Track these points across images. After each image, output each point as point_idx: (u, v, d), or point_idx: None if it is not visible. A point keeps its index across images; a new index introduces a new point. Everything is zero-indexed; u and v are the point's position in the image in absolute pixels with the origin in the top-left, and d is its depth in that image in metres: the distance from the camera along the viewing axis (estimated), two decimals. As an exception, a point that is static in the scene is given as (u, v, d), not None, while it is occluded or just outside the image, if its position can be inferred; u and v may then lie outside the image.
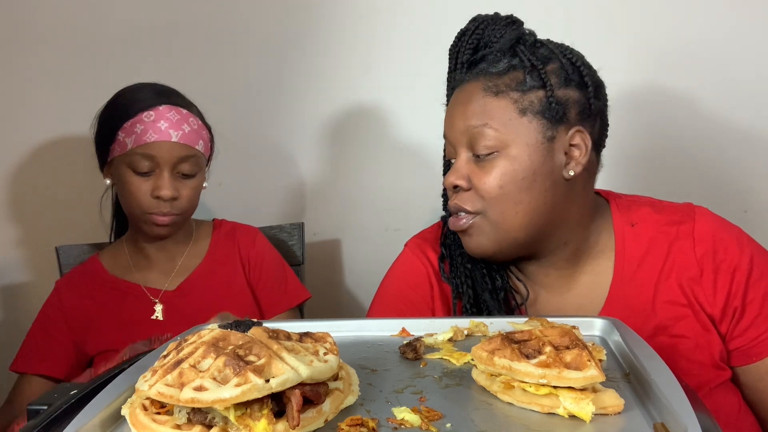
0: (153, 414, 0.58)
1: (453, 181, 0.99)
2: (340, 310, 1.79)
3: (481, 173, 0.97)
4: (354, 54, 1.70)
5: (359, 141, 1.74)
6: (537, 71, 0.98)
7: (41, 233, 1.74)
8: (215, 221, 1.52)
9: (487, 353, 0.65)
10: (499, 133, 0.96)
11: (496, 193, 0.97)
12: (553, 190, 0.98)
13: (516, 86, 0.98)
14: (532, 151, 0.97)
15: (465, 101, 1.00)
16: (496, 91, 0.98)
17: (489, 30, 1.03)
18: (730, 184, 1.60)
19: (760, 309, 0.99)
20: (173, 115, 1.31)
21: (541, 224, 0.99)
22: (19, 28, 1.71)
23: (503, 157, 0.97)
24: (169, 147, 1.29)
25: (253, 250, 1.47)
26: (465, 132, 0.99)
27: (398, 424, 0.58)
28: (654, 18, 1.58)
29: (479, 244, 1.00)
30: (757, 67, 1.55)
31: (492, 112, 0.97)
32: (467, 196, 0.99)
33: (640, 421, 0.58)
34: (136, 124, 1.29)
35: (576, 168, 0.99)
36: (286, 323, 0.82)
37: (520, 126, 0.97)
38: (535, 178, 0.97)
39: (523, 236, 0.99)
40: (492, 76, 0.99)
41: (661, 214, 1.06)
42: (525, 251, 1.03)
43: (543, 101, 0.97)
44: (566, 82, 0.98)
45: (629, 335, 0.75)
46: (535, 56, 0.99)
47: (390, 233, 1.73)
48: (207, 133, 1.38)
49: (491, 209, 0.98)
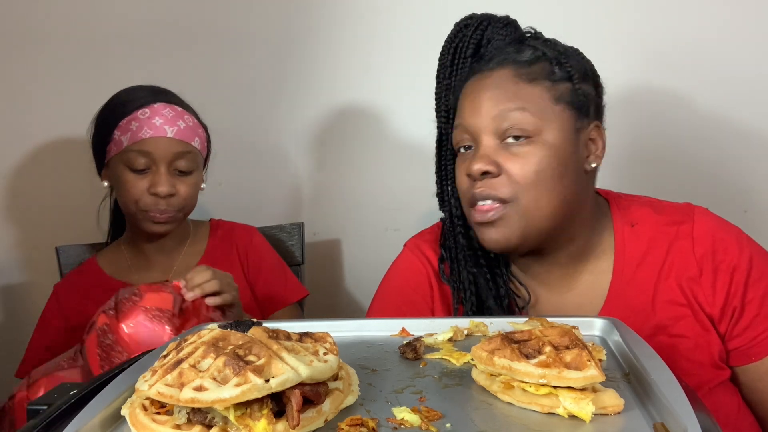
0: (153, 414, 0.58)
1: (483, 167, 0.96)
2: (340, 310, 1.79)
3: (514, 158, 0.95)
4: (354, 54, 1.70)
5: (359, 141, 1.74)
6: (562, 64, 0.99)
7: (41, 233, 1.74)
8: (212, 221, 1.52)
9: (487, 353, 0.65)
10: (536, 119, 0.95)
11: (533, 179, 0.95)
12: (576, 182, 0.99)
13: (546, 76, 0.98)
14: (564, 140, 0.97)
15: (495, 86, 0.98)
16: (529, 79, 0.97)
17: (491, 27, 1.03)
18: (730, 184, 1.60)
19: (759, 309, 0.99)
20: (168, 112, 1.31)
21: (564, 216, 0.99)
22: (20, 29, 1.71)
23: (537, 143, 0.95)
24: (164, 143, 1.29)
25: (251, 248, 1.47)
26: (496, 117, 0.96)
27: (398, 424, 0.58)
28: (653, 17, 1.58)
29: (505, 235, 0.97)
30: (757, 67, 1.55)
31: (527, 97, 0.96)
32: (498, 183, 0.96)
33: (640, 421, 0.58)
34: (131, 121, 1.30)
35: (596, 161, 1.01)
36: (286, 323, 0.82)
37: (554, 114, 0.97)
38: (566, 167, 0.97)
39: (549, 226, 0.98)
40: (522, 64, 0.99)
41: (661, 214, 1.06)
42: (541, 244, 1.01)
43: (571, 93, 0.98)
44: (584, 79, 1.00)
45: (629, 335, 0.75)
46: (556, 50, 1.00)
47: (390, 233, 1.73)
48: (203, 132, 1.38)
49: (525, 196, 0.95)
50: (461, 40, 1.04)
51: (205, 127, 1.40)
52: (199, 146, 1.36)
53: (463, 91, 1.03)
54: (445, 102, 1.07)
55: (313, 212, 1.77)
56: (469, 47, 1.03)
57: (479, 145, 0.98)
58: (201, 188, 1.40)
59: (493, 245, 1.00)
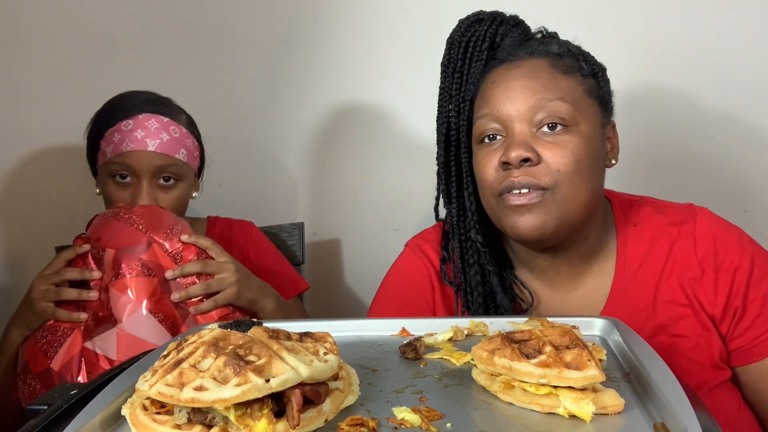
0: (153, 414, 0.58)
1: (523, 154, 0.93)
2: (340, 310, 1.79)
3: (552, 147, 0.95)
4: (354, 54, 1.70)
5: (359, 141, 1.74)
6: (587, 60, 1.01)
7: (41, 234, 1.74)
8: (210, 218, 1.51)
9: (487, 353, 0.65)
10: (573, 109, 0.96)
11: (573, 168, 0.94)
12: (602, 177, 1.01)
13: (577, 69, 0.99)
14: (596, 132, 0.98)
15: (531, 76, 0.97)
16: (563, 70, 0.98)
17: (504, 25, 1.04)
18: (730, 184, 1.60)
19: (760, 309, 0.99)
20: (152, 124, 1.29)
21: (593, 209, 1.00)
22: (18, 31, 1.71)
23: (574, 133, 0.95)
24: (145, 156, 1.27)
25: (250, 243, 1.47)
26: (534, 106, 0.95)
27: (398, 424, 0.58)
28: (655, 17, 1.58)
29: (542, 221, 0.95)
30: (757, 66, 1.55)
31: (564, 88, 0.97)
32: (539, 171, 0.94)
33: (640, 421, 0.58)
34: (114, 133, 1.29)
35: (615, 158, 1.03)
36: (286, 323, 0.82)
37: (588, 106, 0.98)
38: (597, 160, 0.99)
39: (582, 217, 0.98)
40: (554, 56, 0.99)
41: (663, 214, 1.06)
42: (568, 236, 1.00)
43: (597, 88, 1.00)
44: (603, 77, 1.02)
45: (629, 335, 0.75)
46: (576, 48, 1.02)
47: (390, 233, 1.73)
48: (193, 142, 1.35)
49: (563, 185, 0.94)
50: (474, 34, 1.04)
51: (197, 137, 1.38)
52: (186, 158, 1.33)
53: (488, 81, 1.01)
54: (456, 94, 1.06)
55: (313, 212, 1.77)
56: (485, 41, 1.03)
57: (512, 133, 0.97)
58: (192, 196, 1.39)
59: (527, 232, 0.96)
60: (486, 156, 0.99)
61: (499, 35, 1.03)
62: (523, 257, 1.08)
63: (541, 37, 1.05)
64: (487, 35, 1.03)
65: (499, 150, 0.98)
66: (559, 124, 0.95)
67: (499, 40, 1.03)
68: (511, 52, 1.01)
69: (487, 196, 1.01)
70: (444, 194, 1.11)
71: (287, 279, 1.47)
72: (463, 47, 1.04)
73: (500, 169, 0.97)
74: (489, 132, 0.99)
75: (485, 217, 1.05)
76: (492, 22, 1.03)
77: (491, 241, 1.08)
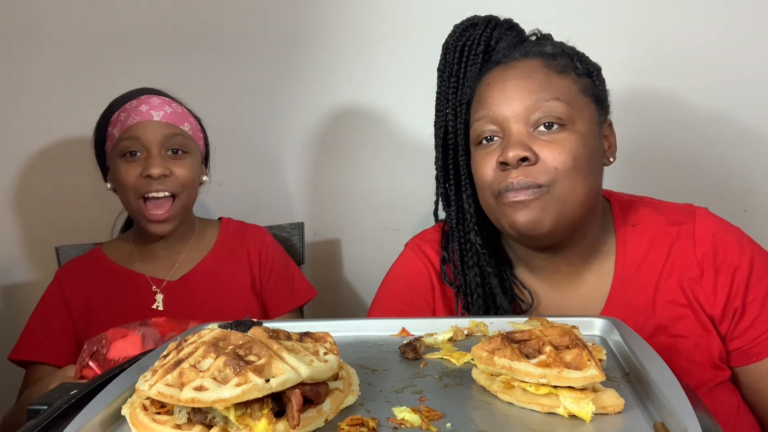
0: (153, 414, 0.58)
1: (520, 153, 0.94)
2: (340, 310, 1.79)
3: (549, 146, 0.95)
4: (354, 54, 1.70)
5: (359, 141, 1.74)
6: (582, 60, 1.01)
7: (42, 233, 1.74)
8: (222, 219, 1.52)
9: (487, 353, 0.65)
10: (569, 108, 0.96)
11: (571, 166, 0.95)
12: (599, 175, 1.02)
13: (572, 68, 1.00)
14: (592, 130, 0.99)
15: (526, 76, 0.98)
16: (558, 70, 0.99)
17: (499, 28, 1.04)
18: (730, 184, 1.60)
19: (760, 310, 0.99)
20: (154, 100, 1.35)
21: (591, 207, 1.00)
22: (22, 30, 1.71)
23: (570, 131, 0.96)
24: (152, 126, 1.31)
25: (263, 249, 1.47)
26: (530, 106, 0.96)
27: (398, 424, 0.58)
28: (652, 19, 1.58)
29: (539, 217, 0.95)
30: (757, 67, 1.55)
31: (559, 87, 0.97)
32: (536, 170, 0.95)
33: (640, 421, 0.58)
34: (120, 114, 1.33)
35: (613, 157, 1.03)
36: (287, 323, 0.82)
37: (583, 104, 0.99)
38: (595, 157, 0.99)
39: (580, 215, 0.98)
40: (548, 56, 1.00)
41: (662, 214, 1.06)
42: (567, 234, 1.00)
43: (592, 87, 1.01)
44: (598, 76, 1.03)
45: (629, 335, 0.75)
46: (570, 48, 1.03)
47: (390, 233, 1.73)
48: (195, 122, 1.40)
49: (561, 183, 0.95)
50: (468, 38, 1.05)
51: (198, 120, 1.41)
52: (191, 132, 1.37)
53: (483, 83, 1.02)
54: (453, 98, 1.07)
55: (313, 212, 1.77)
56: (480, 44, 1.04)
57: (509, 134, 0.97)
58: (202, 180, 1.41)
59: (524, 226, 0.96)
60: (484, 157, 1.00)
61: (494, 39, 1.04)
62: (522, 257, 1.08)
63: (536, 38, 1.06)
64: (481, 39, 1.04)
65: (496, 150, 0.98)
66: (556, 123, 0.96)
67: (493, 44, 1.04)
68: (506, 54, 1.02)
69: (486, 196, 1.01)
70: (443, 197, 1.12)
71: (296, 288, 1.48)
72: (459, 51, 1.05)
73: (498, 169, 0.97)
74: (486, 133, 1.00)
75: (484, 219, 1.06)
76: (486, 26, 1.04)
77: (490, 243, 1.09)
